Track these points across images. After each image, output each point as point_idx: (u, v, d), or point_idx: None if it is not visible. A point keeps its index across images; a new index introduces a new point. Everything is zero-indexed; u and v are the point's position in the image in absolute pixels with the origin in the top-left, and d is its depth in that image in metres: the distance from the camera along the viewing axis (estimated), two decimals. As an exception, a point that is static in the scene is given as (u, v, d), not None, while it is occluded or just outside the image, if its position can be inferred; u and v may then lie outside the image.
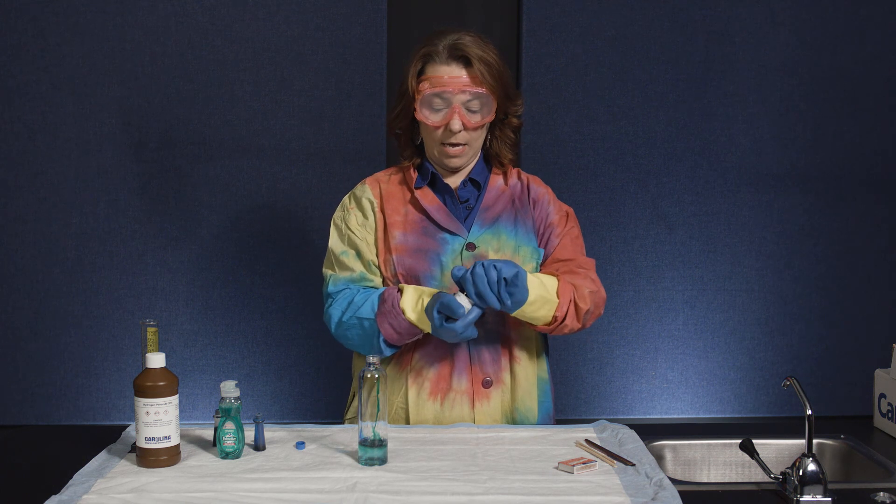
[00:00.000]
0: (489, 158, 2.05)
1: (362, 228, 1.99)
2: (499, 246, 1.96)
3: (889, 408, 2.04)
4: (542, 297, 1.85)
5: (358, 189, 2.04)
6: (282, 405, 2.89)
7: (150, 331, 1.74)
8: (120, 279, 2.83)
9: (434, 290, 1.88)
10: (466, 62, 1.89)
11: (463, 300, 1.78)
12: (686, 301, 2.92)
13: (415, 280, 1.94)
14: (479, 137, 1.97)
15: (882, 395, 2.07)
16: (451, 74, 1.89)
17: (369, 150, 2.84)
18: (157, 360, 1.67)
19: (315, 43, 2.81)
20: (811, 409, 1.62)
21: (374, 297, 1.90)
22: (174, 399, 1.67)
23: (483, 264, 1.77)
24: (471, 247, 1.95)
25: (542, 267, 2.01)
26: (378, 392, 1.66)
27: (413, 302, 1.86)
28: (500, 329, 1.97)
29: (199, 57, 2.79)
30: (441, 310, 1.78)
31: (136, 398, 1.65)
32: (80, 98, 2.78)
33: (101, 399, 2.86)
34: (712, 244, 2.92)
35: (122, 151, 2.81)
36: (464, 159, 1.96)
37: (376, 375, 1.66)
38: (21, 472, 1.73)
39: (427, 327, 1.84)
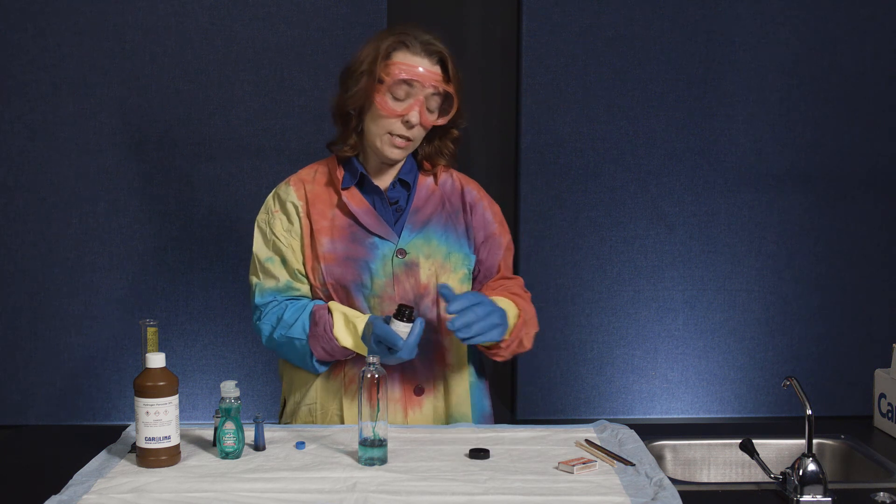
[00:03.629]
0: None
1: (287, 234, 1.92)
2: (429, 252, 1.92)
3: (889, 408, 2.04)
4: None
5: (282, 191, 1.96)
6: (282, 405, 2.89)
7: (150, 331, 1.74)
8: (120, 279, 2.83)
9: (360, 315, 1.84)
10: (440, 60, 1.86)
11: (399, 327, 1.74)
12: (686, 301, 2.92)
13: (343, 289, 1.89)
14: (422, 137, 1.92)
15: (882, 395, 2.07)
16: (425, 67, 1.84)
17: (369, 150, 2.84)
18: (157, 360, 1.67)
19: (315, 43, 2.81)
20: (811, 409, 1.62)
21: (304, 317, 1.86)
22: (174, 399, 1.67)
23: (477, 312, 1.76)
24: (401, 253, 1.90)
25: (487, 283, 1.99)
26: (378, 392, 1.66)
27: (345, 329, 1.83)
28: (433, 336, 1.93)
29: (199, 57, 2.79)
30: (380, 340, 1.75)
31: (136, 398, 1.65)
32: (80, 98, 2.78)
33: (101, 399, 2.86)
34: (712, 244, 2.92)
35: (122, 151, 2.80)
36: (405, 154, 1.90)
37: (377, 375, 1.66)
38: (21, 472, 1.73)
39: (364, 352, 1.82)
